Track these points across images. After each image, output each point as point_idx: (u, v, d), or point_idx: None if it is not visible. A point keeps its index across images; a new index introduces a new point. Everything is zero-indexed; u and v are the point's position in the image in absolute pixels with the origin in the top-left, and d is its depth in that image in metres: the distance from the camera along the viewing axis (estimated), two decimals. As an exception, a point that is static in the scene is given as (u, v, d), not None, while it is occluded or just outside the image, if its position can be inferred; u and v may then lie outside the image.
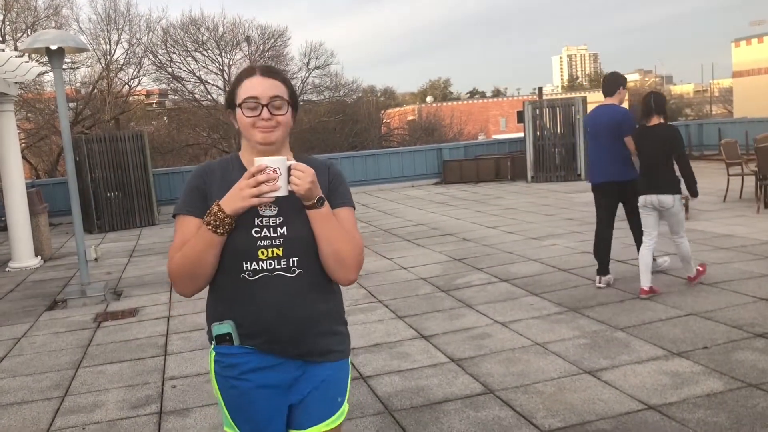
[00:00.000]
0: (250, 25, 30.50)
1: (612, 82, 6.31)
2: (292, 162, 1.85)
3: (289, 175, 1.82)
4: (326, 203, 1.90)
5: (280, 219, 1.92)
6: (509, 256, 7.95)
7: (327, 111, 30.02)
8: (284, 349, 1.96)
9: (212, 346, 2.00)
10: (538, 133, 16.49)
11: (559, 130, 16.38)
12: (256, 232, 1.90)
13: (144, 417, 4.18)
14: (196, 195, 1.96)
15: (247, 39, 30.13)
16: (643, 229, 5.95)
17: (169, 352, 5.40)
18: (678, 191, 5.72)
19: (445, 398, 4.07)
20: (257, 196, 1.79)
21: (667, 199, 5.70)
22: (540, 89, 20.46)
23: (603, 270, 6.31)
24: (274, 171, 1.79)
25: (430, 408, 3.95)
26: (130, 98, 29.82)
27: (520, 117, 16.71)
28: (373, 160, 17.78)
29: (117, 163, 13.67)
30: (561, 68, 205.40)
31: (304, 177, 1.82)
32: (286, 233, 1.91)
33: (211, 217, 1.83)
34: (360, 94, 33.78)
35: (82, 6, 62.93)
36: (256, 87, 1.92)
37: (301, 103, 31.46)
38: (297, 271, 1.92)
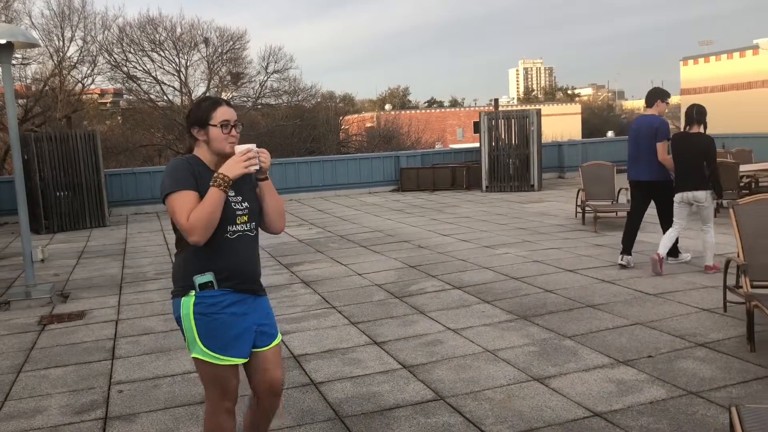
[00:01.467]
0: (209, 26, 30.27)
1: (652, 96, 7.43)
2: (258, 149, 2.74)
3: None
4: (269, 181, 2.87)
5: (240, 197, 2.78)
6: (463, 263, 8.03)
7: (285, 115, 29.87)
8: (247, 286, 2.83)
9: (192, 293, 2.73)
10: (493, 144, 16.73)
11: (513, 141, 16.64)
12: (233, 205, 2.74)
13: (88, 423, 4.08)
14: (190, 176, 2.68)
15: (206, 41, 29.84)
16: (675, 219, 7.02)
17: (116, 356, 5.29)
18: (710, 188, 6.72)
19: (396, 404, 4.08)
20: (248, 167, 2.65)
21: (700, 195, 6.71)
22: (496, 101, 20.77)
23: (626, 250, 7.34)
24: (254, 152, 2.70)
25: (381, 414, 3.96)
26: (84, 97, 29.13)
27: (477, 127, 16.93)
28: (330, 165, 17.75)
29: (68, 162, 13.33)
30: (517, 80, 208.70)
31: (268, 158, 2.76)
32: (248, 206, 2.80)
33: (219, 181, 2.63)
34: (319, 100, 33.76)
35: (35, 0, 61.14)
36: (227, 113, 2.78)
37: (260, 106, 31.47)
38: (255, 232, 2.86)
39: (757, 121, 18.15)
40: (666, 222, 7.25)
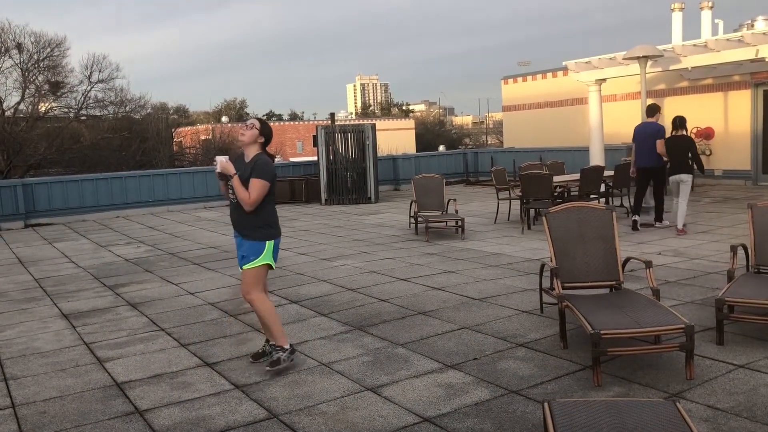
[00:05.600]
0: (22, 31, 27.75)
1: (651, 110, 10.66)
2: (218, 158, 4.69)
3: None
4: (235, 177, 4.68)
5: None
6: (300, 277, 7.98)
7: (111, 127, 28.10)
8: (238, 231, 4.91)
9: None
10: (331, 158, 16.88)
11: (351, 155, 16.91)
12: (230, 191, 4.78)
13: None
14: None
15: (18, 46, 27.38)
16: (674, 196, 10.06)
17: None
18: (691, 172, 9.85)
19: (227, 427, 3.93)
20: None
21: (684, 176, 9.81)
22: (332, 115, 20.98)
23: (637, 212, 10.41)
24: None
25: (210, 439, 3.79)
26: None
27: (315, 141, 17.00)
28: (161, 179, 16.93)
29: None
30: (355, 96, 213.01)
31: (220, 165, 4.65)
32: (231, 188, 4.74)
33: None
34: (149, 111, 32.13)
35: None
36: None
37: (83, 118, 29.36)
38: (236, 201, 4.77)
39: (568, 136, 19.90)
40: (657, 196, 10.52)
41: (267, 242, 4.77)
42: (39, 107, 28.60)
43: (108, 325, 6.32)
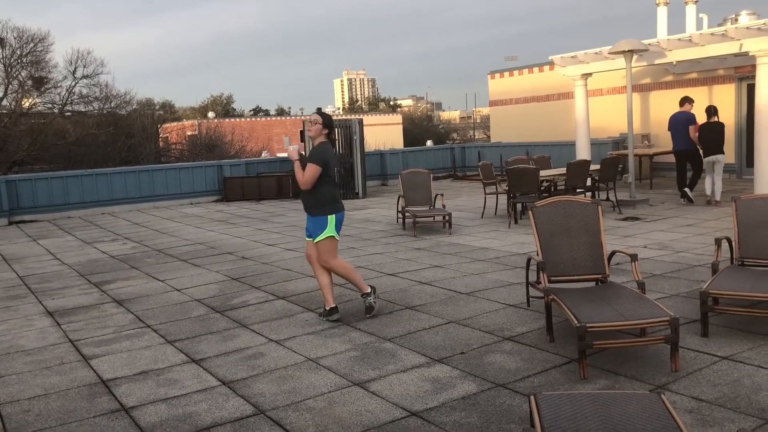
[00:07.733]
0: (5, 26, 27.36)
1: (683, 101, 12.28)
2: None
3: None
4: (296, 162, 5.80)
5: None
6: (288, 273, 7.96)
7: (96, 123, 27.83)
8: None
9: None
10: (318, 152, 16.81)
11: (338, 150, 16.86)
12: None
13: None
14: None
15: (1, 41, 27.03)
16: (705, 173, 11.87)
17: None
18: (722, 152, 11.53)
19: (214, 423, 3.92)
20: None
21: (719, 157, 11.49)
22: (319, 110, 20.88)
23: (682, 187, 12.25)
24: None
25: (197, 435, 3.78)
26: None
27: (303, 136, 16.94)
28: (147, 175, 16.80)
29: None
30: (342, 91, 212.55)
31: (288, 150, 5.85)
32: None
33: None
34: (135, 107, 31.84)
35: None
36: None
37: (68, 113, 29.07)
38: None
39: (555, 130, 19.95)
40: (694, 176, 12.15)
41: (329, 217, 5.66)
42: (22, 103, 28.28)
43: (93, 322, 6.27)
